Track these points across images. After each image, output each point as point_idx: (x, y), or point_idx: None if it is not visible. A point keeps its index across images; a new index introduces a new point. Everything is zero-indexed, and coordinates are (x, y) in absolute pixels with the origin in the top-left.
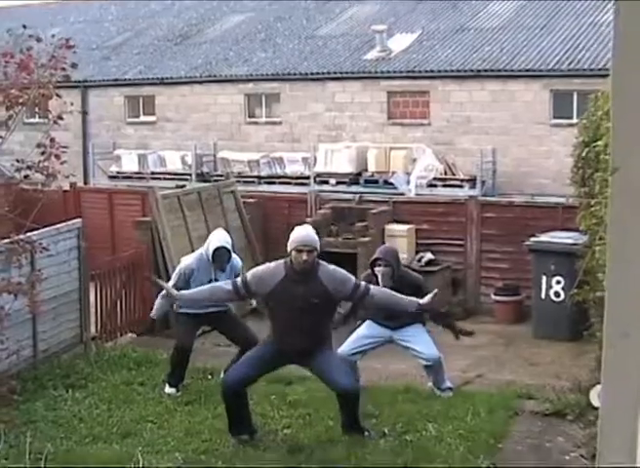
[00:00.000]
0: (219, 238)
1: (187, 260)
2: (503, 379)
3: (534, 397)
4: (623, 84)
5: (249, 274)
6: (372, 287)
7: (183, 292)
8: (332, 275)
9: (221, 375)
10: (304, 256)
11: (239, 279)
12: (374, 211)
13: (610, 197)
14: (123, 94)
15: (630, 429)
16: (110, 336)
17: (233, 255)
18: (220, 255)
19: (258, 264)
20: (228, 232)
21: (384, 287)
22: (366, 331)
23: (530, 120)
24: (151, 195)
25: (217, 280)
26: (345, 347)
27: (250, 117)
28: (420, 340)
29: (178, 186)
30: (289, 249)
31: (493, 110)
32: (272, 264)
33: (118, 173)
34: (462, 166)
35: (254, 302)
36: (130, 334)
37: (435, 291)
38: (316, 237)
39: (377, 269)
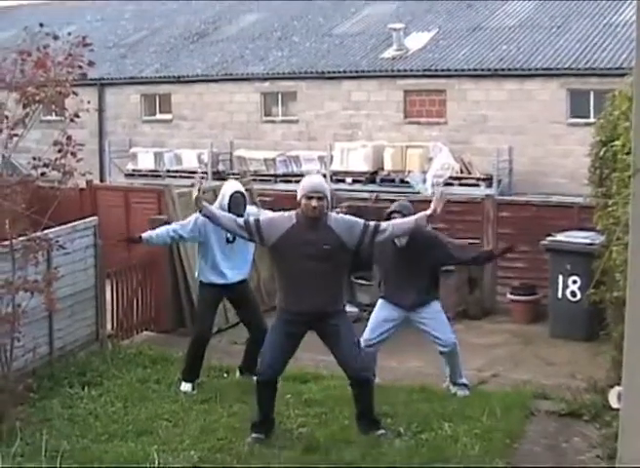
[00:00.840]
0: (232, 186)
1: None
2: (519, 379)
3: (550, 397)
4: None
5: (262, 216)
6: (381, 222)
7: (208, 206)
8: (341, 221)
9: (237, 374)
10: (314, 203)
11: (252, 217)
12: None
13: (632, 198)
14: (139, 92)
15: None
16: (126, 334)
17: (248, 206)
18: (237, 202)
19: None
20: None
21: (399, 240)
22: (383, 313)
23: (547, 119)
24: (167, 193)
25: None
26: (368, 335)
27: (266, 115)
28: (437, 324)
29: (194, 184)
30: (298, 197)
31: (509, 109)
32: (285, 213)
33: (134, 171)
34: (479, 165)
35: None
36: (146, 332)
37: (440, 192)
38: (327, 185)
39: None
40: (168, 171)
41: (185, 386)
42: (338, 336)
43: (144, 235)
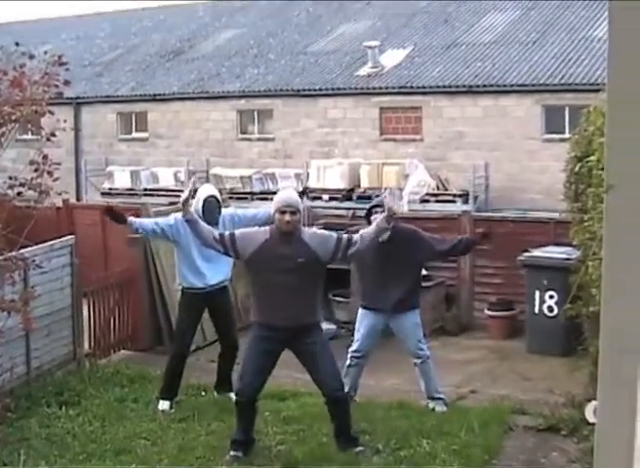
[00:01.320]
0: (206, 190)
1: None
2: (497, 394)
3: (527, 412)
4: (618, 100)
5: (237, 230)
6: (353, 235)
7: (193, 212)
8: (315, 235)
9: (215, 394)
10: (287, 217)
11: (227, 232)
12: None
13: (605, 214)
14: (115, 110)
15: (627, 445)
16: (104, 353)
17: (224, 210)
18: (211, 206)
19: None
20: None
21: (380, 238)
22: (368, 322)
23: (522, 135)
24: (144, 211)
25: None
26: (358, 346)
27: (242, 133)
28: (412, 336)
29: (171, 203)
30: (272, 211)
31: (485, 126)
32: (260, 228)
33: (111, 189)
34: (455, 181)
35: None
36: (123, 351)
37: (389, 190)
38: (299, 199)
39: (374, 217)
40: (145, 189)
41: (163, 404)
42: (314, 354)
43: (131, 219)
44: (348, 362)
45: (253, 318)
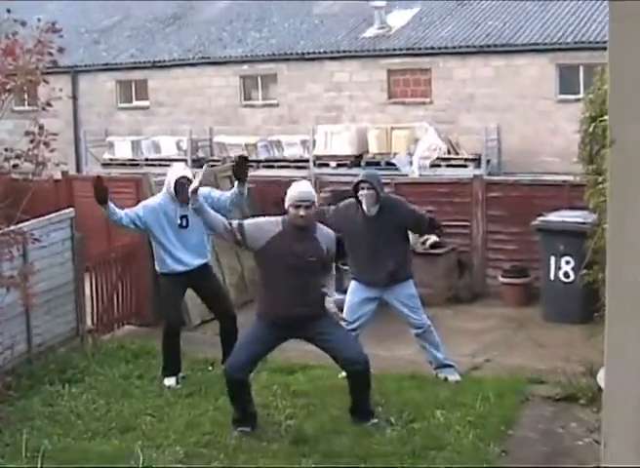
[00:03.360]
0: (176, 171)
1: (154, 198)
2: (513, 363)
3: (544, 381)
4: (620, 57)
5: (247, 221)
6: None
7: (202, 201)
8: (328, 235)
9: (222, 367)
10: (302, 212)
11: (236, 221)
12: None
13: (609, 170)
14: (114, 78)
15: (634, 409)
16: (107, 329)
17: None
18: (183, 188)
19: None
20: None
21: (369, 210)
22: (357, 295)
23: (535, 96)
24: (145, 182)
25: (184, 216)
26: (349, 316)
27: (246, 100)
28: (411, 305)
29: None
30: (286, 205)
31: (497, 87)
32: (272, 218)
33: (111, 160)
34: (466, 145)
35: None
36: (127, 326)
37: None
38: (313, 192)
39: (360, 193)
40: (146, 159)
41: (169, 380)
42: (326, 331)
43: (112, 208)
44: None
45: (257, 309)
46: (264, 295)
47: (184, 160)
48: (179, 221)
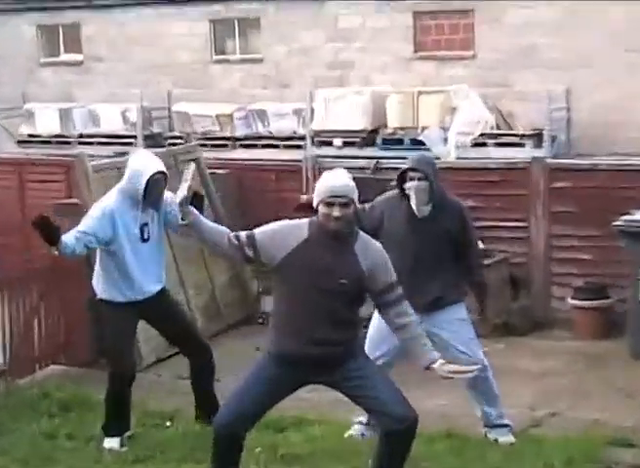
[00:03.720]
0: (147, 162)
1: (105, 200)
2: (588, 418)
3: (633, 443)
4: None
5: (257, 230)
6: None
7: (196, 213)
8: (372, 251)
9: (196, 424)
10: (335, 212)
11: (243, 232)
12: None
13: None
14: (35, 22)
15: None
16: (25, 370)
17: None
18: (157, 186)
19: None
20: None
21: (419, 210)
22: (384, 325)
23: (621, 46)
24: (79, 166)
25: (145, 225)
26: (374, 349)
27: (218, 53)
28: (462, 337)
29: (117, 153)
30: (315, 203)
31: (566, 34)
32: (294, 222)
33: (31, 136)
34: (523, 116)
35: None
36: (53, 366)
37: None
38: (353, 184)
39: (408, 185)
40: (80, 135)
41: (111, 442)
42: (360, 375)
43: (65, 239)
44: None
45: (268, 340)
46: (275, 325)
47: (133, 136)
48: (138, 232)
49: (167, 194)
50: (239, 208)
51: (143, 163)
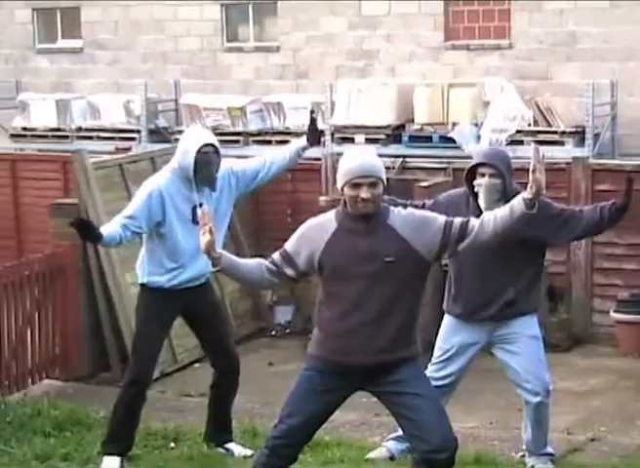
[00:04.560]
0: (197, 136)
1: (153, 180)
2: (633, 444)
3: None
4: None
5: (287, 243)
6: (470, 219)
7: (226, 254)
8: (407, 218)
9: (204, 446)
10: (364, 193)
11: (277, 253)
12: (424, 183)
13: None
14: (30, 6)
15: None
16: (16, 385)
17: (222, 166)
18: (207, 160)
19: None
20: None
21: (489, 209)
22: (450, 340)
23: None
24: (78, 163)
25: (199, 206)
26: (434, 372)
27: (230, 40)
28: (529, 357)
29: (119, 149)
30: (339, 186)
31: (612, 22)
32: (317, 218)
33: (25, 129)
34: (564, 111)
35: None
36: (47, 381)
37: (535, 148)
38: (381, 163)
39: (478, 181)
40: (79, 129)
41: (110, 462)
42: (409, 391)
43: (109, 230)
44: None
45: (310, 348)
46: (322, 326)
47: (136, 131)
48: (190, 213)
49: (227, 164)
50: (252, 210)
51: (190, 137)
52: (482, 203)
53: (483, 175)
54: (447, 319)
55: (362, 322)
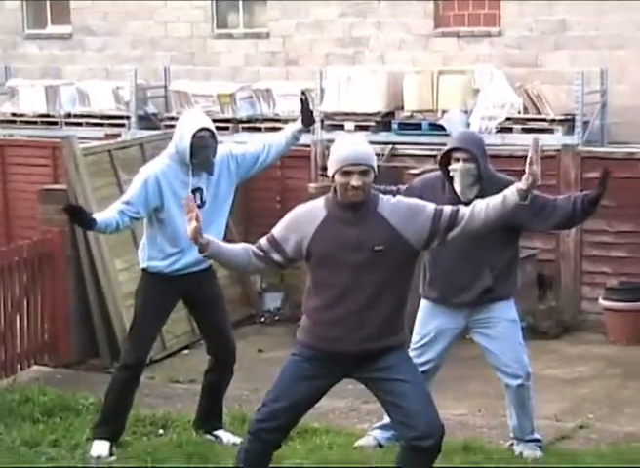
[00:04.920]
0: (193, 119)
1: (150, 165)
2: (620, 431)
3: None
4: None
5: (275, 229)
6: (460, 207)
7: (213, 240)
8: (399, 206)
9: (194, 433)
10: (355, 181)
11: (264, 238)
12: (414, 170)
13: None
14: None
15: None
16: (5, 371)
17: (220, 150)
18: (203, 144)
19: None
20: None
21: (464, 193)
22: (429, 325)
23: None
24: (67, 149)
25: (197, 190)
26: (422, 354)
27: (220, 27)
28: (508, 341)
29: (108, 135)
30: (330, 173)
31: (602, 10)
32: (307, 204)
33: (14, 115)
34: (553, 99)
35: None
36: (36, 367)
37: (534, 140)
38: (372, 151)
39: (453, 166)
40: (68, 115)
41: (99, 447)
42: (395, 377)
43: (105, 217)
44: None
45: (299, 335)
46: (310, 313)
47: (126, 117)
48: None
49: (226, 148)
50: (241, 197)
51: (186, 121)
52: (457, 187)
53: (457, 159)
54: (424, 304)
55: (349, 311)
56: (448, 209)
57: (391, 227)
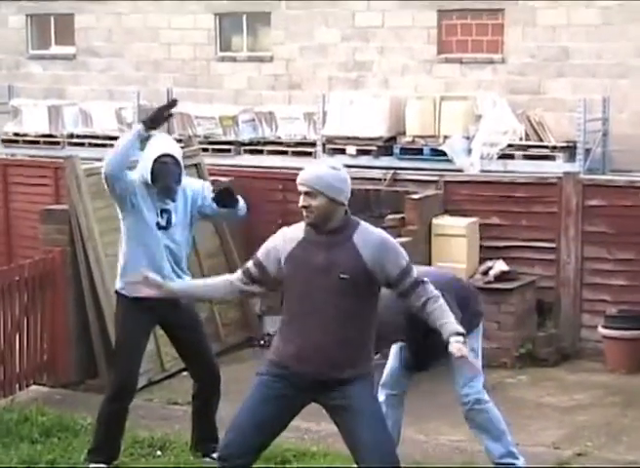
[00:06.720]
0: (159, 144)
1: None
2: (620, 459)
3: None
4: None
5: (259, 250)
6: (425, 283)
7: (178, 283)
8: (372, 238)
9: (190, 456)
10: (301, 201)
11: (250, 261)
12: (415, 196)
13: None
14: (23, 11)
15: None
16: (4, 391)
17: (187, 179)
18: (164, 170)
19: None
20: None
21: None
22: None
23: None
24: (69, 169)
25: (164, 211)
26: (390, 377)
27: (223, 50)
28: (458, 367)
29: None
30: None
31: (604, 38)
32: (292, 226)
33: (17, 135)
34: (555, 126)
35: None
36: (35, 387)
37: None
38: (331, 179)
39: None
40: (71, 135)
41: None
42: (351, 413)
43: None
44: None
45: (268, 354)
46: (280, 332)
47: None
48: (155, 218)
49: (196, 183)
50: (242, 220)
51: (151, 145)
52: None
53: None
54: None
55: (314, 331)
56: (413, 279)
57: (360, 258)
